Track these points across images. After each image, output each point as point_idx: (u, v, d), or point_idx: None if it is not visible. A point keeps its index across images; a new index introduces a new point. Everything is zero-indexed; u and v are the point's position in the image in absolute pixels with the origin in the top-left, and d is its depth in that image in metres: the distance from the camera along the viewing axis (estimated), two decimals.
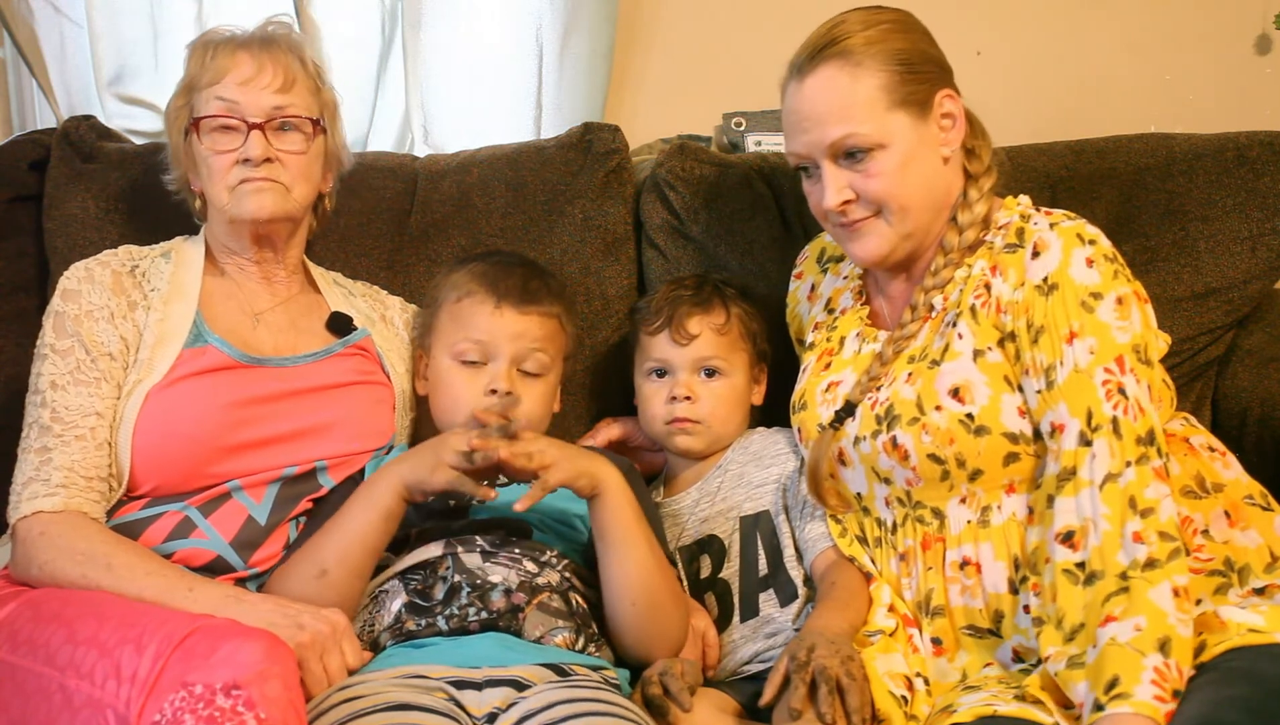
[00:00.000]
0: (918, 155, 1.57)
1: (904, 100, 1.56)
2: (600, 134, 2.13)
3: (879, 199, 1.58)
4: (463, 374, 1.72)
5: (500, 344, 1.71)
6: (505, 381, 1.69)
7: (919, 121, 1.57)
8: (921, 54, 1.60)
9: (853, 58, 1.56)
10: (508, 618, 1.53)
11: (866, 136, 1.55)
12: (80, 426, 1.59)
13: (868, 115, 1.56)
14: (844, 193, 1.58)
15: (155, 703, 1.24)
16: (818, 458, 1.64)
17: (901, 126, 1.56)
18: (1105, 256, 1.51)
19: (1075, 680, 1.37)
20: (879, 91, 1.56)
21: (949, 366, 1.55)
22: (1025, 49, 2.49)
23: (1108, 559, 1.39)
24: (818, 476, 1.64)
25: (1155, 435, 1.45)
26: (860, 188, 1.58)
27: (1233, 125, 2.12)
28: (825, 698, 1.41)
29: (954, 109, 1.60)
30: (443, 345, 1.75)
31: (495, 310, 1.72)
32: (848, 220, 1.60)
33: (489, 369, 1.71)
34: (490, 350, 1.72)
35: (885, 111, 1.56)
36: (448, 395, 1.73)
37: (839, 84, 1.57)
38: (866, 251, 1.62)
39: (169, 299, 1.70)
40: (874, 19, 1.60)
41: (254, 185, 1.68)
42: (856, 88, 1.56)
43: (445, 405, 1.73)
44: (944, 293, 1.60)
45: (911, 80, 1.57)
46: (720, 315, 1.82)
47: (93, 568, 1.49)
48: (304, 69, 1.74)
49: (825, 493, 1.64)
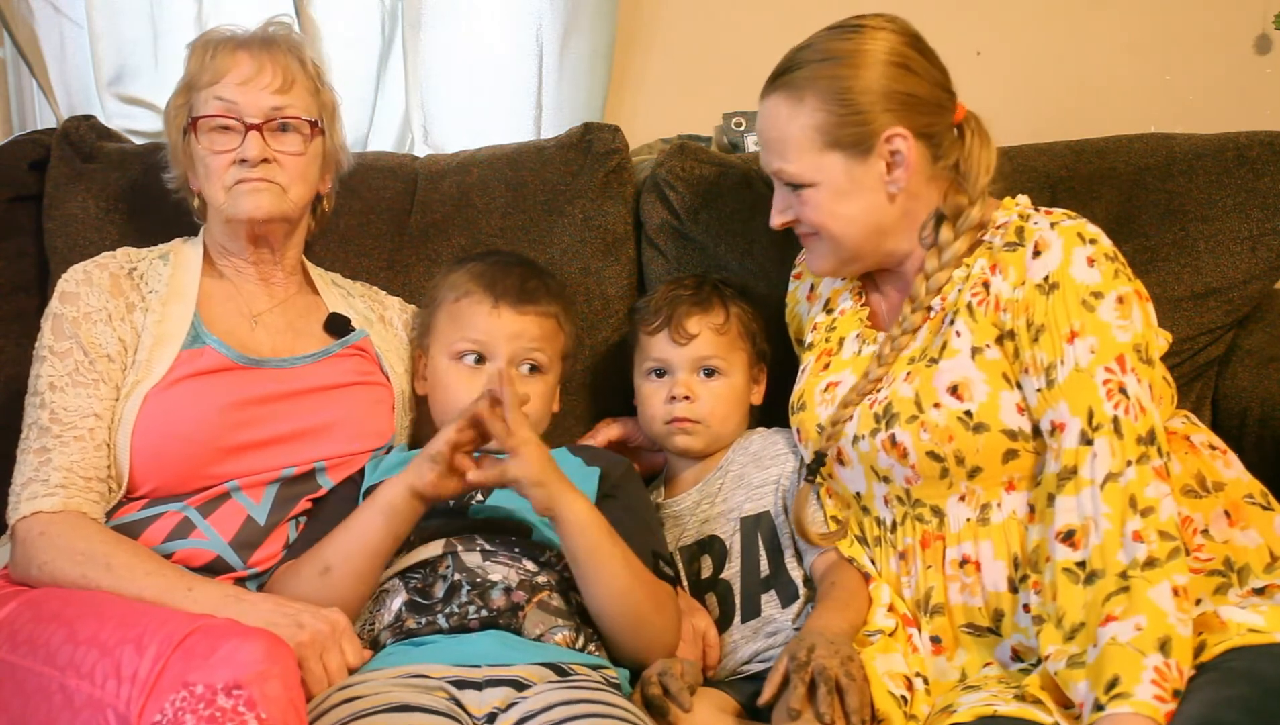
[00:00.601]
0: (852, 194, 1.59)
1: (838, 141, 1.57)
2: (600, 134, 2.13)
3: (815, 223, 1.62)
4: (461, 373, 1.73)
5: (498, 343, 1.72)
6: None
7: (856, 162, 1.58)
8: (871, 91, 1.56)
9: (796, 92, 1.58)
10: (507, 616, 1.53)
11: (796, 175, 1.59)
12: (79, 427, 1.59)
13: (798, 155, 1.59)
14: (785, 214, 1.64)
15: (156, 702, 1.25)
16: (799, 509, 1.66)
17: (834, 167, 1.58)
18: (1106, 255, 1.51)
19: (1075, 680, 1.37)
20: (813, 131, 1.57)
21: (947, 364, 1.55)
22: (1025, 49, 2.49)
23: (1108, 558, 1.39)
24: (802, 526, 1.66)
25: (1156, 434, 1.45)
26: (799, 213, 1.62)
27: (1233, 125, 2.12)
28: (824, 698, 1.41)
29: (903, 148, 1.57)
30: (441, 345, 1.75)
31: (493, 310, 1.73)
32: (799, 233, 1.66)
33: (487, 369, 1.71)
34: (488, 350, 1.72)
35: (817, 152, 1.58)
36: (446, 395, 1.73)
37: (780, 117, 1.60)
38: (814, 265, 1.70)
39: (167, 301, 1.70)
40: (833, 50, 1.59)
41: (250, 185, 1.68)
42: (792, 126, 1.59)
43: (443, 405, 1.74)
44: (941, 294, 1.60)
45: (850, 121, 1.56)
46: (719, 315, 1.82)
47: (92, 567, 1.49)
48: (303, 70, 1.75)
49: (810, 538, 1.66)
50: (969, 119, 1.64)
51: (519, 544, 1.61)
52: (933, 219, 1.62)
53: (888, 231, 1.62)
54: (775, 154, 1.61)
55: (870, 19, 1.61)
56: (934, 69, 1.61)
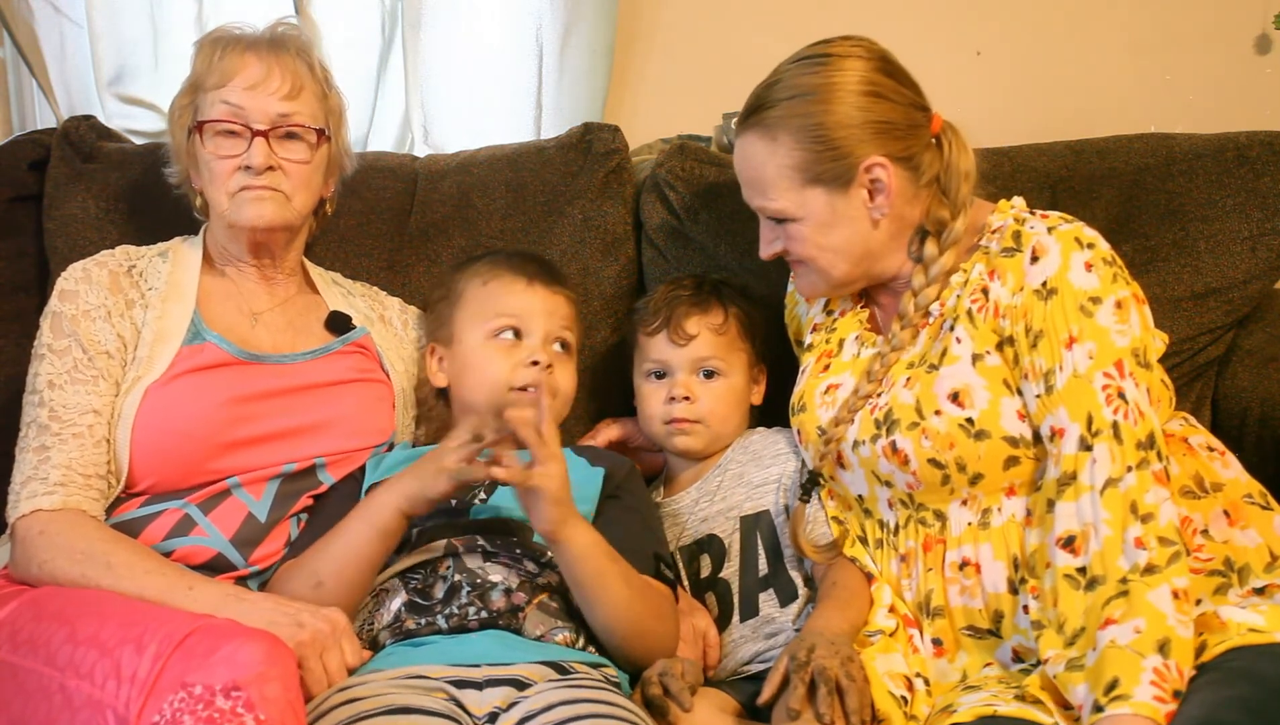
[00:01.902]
0: (836, 225, 1.59)
1: (818, 178, 1.57)
2: (600, 134, 2.13)
3: (802, 255, 1.62)
4: (498, 349, 1.73)
5: (536, 318, 1.74)
6: (544, 354, 1.71)
7: (838, 195, 1.58)
8: (846, 124, 1.55)
9: (770, 131, 1.58)
10: (508, 617, 1.53)
11: (780, 211, 1.60)
12: (78, 424, 1.59)
13: (779, 193, 1.59)
14: (773, 246, 1.65)
15: (155, 703, 1.24)
16: (795, 527, 1.66)
17: (816, 201, 1.58)
18: (1104, 260, 1.51)
19: (1074, 682, 1.37)
20: (791, 171, 1.58)
21: (948, 371, 1.55)
22: (1025, 49, 2.49)
23: (1109, 564, 1.39)
24: (797, 544, 1.66)
25: (1155, 439, 1.44)
26: (785, 245, 1.63)
27: (1233, 125, 2.11)
28: (824, 698, 1.41)
29: (883, 176, 1.57)
30: (471, 327, 1.75)
31: (528, 286, 1.75)
32: (789, 261, 1.67)
33: (525, 344, 1.72)
34: (526, 325, 1.74)
35: (798, 188, 1.58)
36: (480, 371, 1.73)
37: (757, 156, 1.60)
38: (804, 291, 1.72)
39: (167, 298, 1.70)
40: (803, 85, 1.57)
41: (254, 193, 1.68)
42: (769, 165, 1.59)
43: (475, 382, 1.73)
44: (940, 299, 1.60)
45: (828, 157, 1.56)
46: (718, 315, 1.82)
47: (92, 566, 1.49)
48: (312, 75, 1.74)
49: (809, 555, 1.66)
50: (945, 129, 1.62)
51: (520, 545, 1.61)
52: (918, 235, 1.62)
53: (876, 255, 1.62)
54: (756, 192, 1.62)
55: (838, 45, 1.59)
56: (906, 89, 1.60)
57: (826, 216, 1.58)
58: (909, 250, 1.63)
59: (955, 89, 1.69)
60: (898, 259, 1.63)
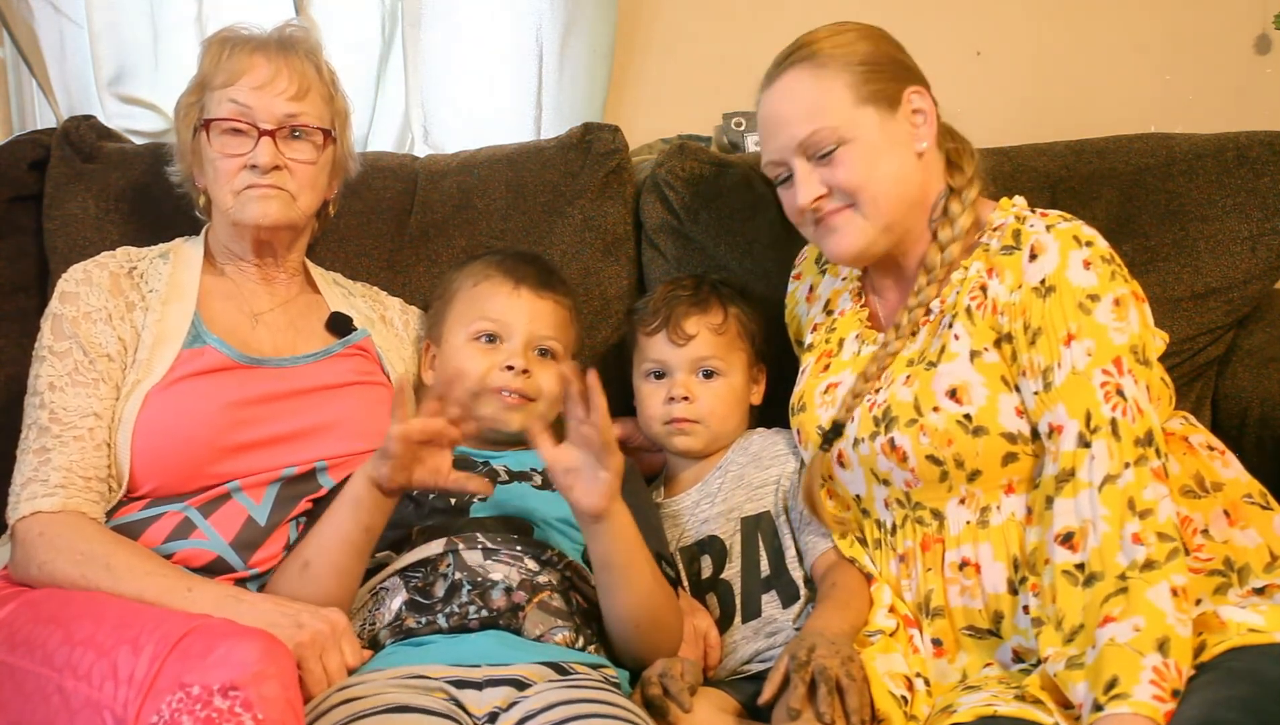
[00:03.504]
0: (887, 150, 1.59)
1: (869, 96, 1.58)
2: (600, 134, 2.13)
3: (850, 190, 1.59)
4: (474, 351, 1.74)
5: (518, 323, 1.74)
6: (521, 360, 1.71)
7: (887, 117, 1.59)
8: (886, 56, 1.62)
9: (817, 60, 1.60)
10: (508, 616, 1.53)
11: (833, 131, 1.58)
12: (78, 427, 1.59)
13: (833, 111, 1.58)
14: (817, 187, 1.60)
15: (152, 704, 1.24)
16: (810, 480, 1.65)
17: (868, 121, 1.58)
18: (1102, 258, 1.51)
19: (1074, 681, 1.37)
20: (844, 89, 1.58)
21: (946, 368, 1.55)
22: (1025, 49, 2.49)
23: (1107, 560, 1.39)
24: (812, 498, 1.65)
25: (1154, 436, 1.45)
26: (831, 180, 1.59)
27: (1233, 125, 2.12)
28: (824, 698, 1.41)
29: (924, 105, 1.61)
30: (457, 327, 1.77)
31: (514, 291, 1.76)
32: (822, 215, 1.61)
33: (504, 348, 1.73)
34: (507, 329, 1.74)
35: (851, 107, 1.58)
36: (455, 370, 1.72)
37: (805, 84, 1.60)
38: (842, 246, 1.62)
39: (167, 300, 1.70)
40: (839, 29, 1.63)
41: (259, 192, 1.68)
42: (821, 86, 1.59)
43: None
44: (940, 296, 1.60)
45: (876, 78, 1.59)
46: (718, 315, 1.82)
47: (92, 568, 1.49)
48: (319, 76, 1.74)
49: (821, 513, 1.65)
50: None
51: (520, 542, 1.61)
52: (942, 198, 1.63)
53: (912, 204, 1.61)
54: (804, 119, 1.59)
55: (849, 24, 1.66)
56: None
57: (878, 138, 1.58)
58: (931, 217, 1.63)
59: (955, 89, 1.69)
60: (921, 224, 1.63)
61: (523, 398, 1.72)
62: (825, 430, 1.65)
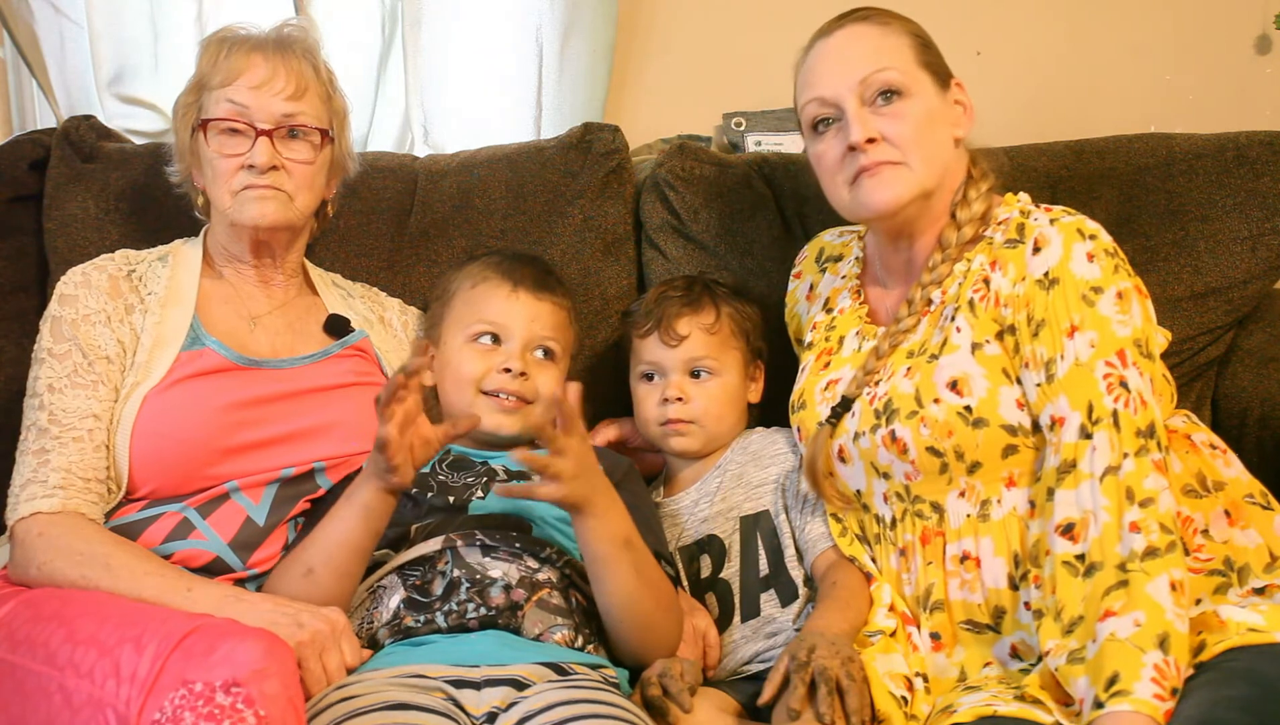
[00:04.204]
0: (939, 118, 1.61)
1: (927, 64, 1.62)
2: (600, 134, 2.13)
3: (904, 144, 1.58)
4: (474, 352, 1.74)
5: (515, 325, 1.74)
6: (519, 362, 1.71)
7: (940, 91, 1.62)
8: (935, 45, 1.65)
9: (879, 19, 1.64)
10: (507, 614, 1.53)
11: (899, 75, 1.59)
12: (78, 428, 1.59)
13: (900, 60, 1.61)
14: (872, 130, 1.57)
15: (155, 701, 1.25)
16: (814, 453, 1.64)
17: (927, 85, 1.61)
18: (1106, 251, 1.52)
19: (1075, 675, 1.37)
20: (907, 48, 1.62)
21: (947, 360, 1.55)
22: (1025, 49, 2.49)
23: (1107, 550, 1.39)
24: (815, 473, 1.64)
25: (1156, 428, 1.45)
26: (885, 130, 1.58)
27: (1233, 125, 2.12)
28: (824, 698, 1.41)
29: (964, 98, 1.65)
30: (455, 329, 1.77)
31: (511, 293, 1.76)
32: (869, 161, 1.58)
33: (502, 350, 1.73)
34: (505, 331, 1.74)
35: (914, 64, 1.61)
36: (456, 374, 1.74)
37: (871, 34, 1.63)
38: (883, 195, 1.58)
39: (166, 302, 1.70)
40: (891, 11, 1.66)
41: (257, 192, 1.68)
42: (887, 39, 1.62)
43: (450, 384, 1.74)
44: (942, 287, 1.60)
45: (932, 53, 1.64)
46: (709, 315, 1.82)
47: (91, 568, 1.49)
48: (317, 76, 1.74)
49: (824, 488, 1.65)
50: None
51: (519, 540, 1.61)
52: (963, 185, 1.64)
53: (943, 183, 1.62)
54: (870, 57, 1.60)
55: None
56: None
57: (933, 104, 1.61)
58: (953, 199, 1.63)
59: None
60: (942, 205, 1.63)
61: (520, 401, 1.72)
62: (835, 405, 1.64)
